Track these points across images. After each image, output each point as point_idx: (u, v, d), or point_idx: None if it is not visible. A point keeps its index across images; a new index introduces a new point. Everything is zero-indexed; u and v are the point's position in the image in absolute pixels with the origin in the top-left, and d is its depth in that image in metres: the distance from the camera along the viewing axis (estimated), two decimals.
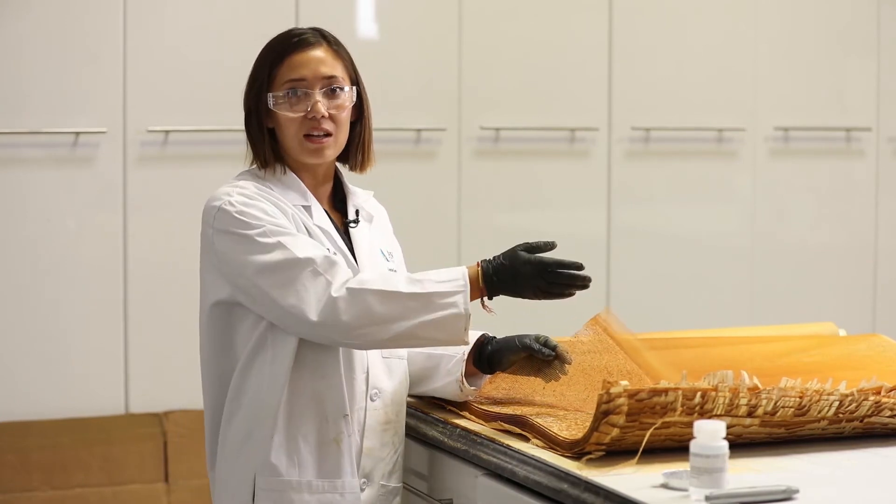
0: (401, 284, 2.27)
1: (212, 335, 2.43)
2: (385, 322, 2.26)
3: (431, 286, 2.27)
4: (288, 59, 2.42)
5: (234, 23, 4.44)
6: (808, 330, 3.17)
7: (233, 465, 2.39)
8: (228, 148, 4.37)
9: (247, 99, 2.48)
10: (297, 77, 2.41)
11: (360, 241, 2.48)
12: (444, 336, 2.30)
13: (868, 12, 5.34)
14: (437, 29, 4.74)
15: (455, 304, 2.27)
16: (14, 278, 4.24)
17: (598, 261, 4.99)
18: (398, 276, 2.33)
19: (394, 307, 2.26)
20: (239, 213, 2.34)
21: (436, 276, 2.30)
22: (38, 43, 4.22)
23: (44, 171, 4.26)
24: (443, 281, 2.28)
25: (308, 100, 2.41)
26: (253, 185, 2.41)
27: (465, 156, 4.78)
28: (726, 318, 4.93)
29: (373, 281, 2.28)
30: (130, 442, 4.29)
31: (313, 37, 2.45)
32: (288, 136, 2.43)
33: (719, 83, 5.15)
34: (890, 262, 5.41)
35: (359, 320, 2.26)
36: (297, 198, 2.43)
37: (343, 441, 2.39)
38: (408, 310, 2.26)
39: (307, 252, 2.29)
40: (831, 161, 5.34)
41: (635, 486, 2.01)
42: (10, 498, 4.14)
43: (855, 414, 2.27)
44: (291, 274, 2.28)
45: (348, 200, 2.52)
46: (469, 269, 2.32)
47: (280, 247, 2.30)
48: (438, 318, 2.26)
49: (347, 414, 2.39)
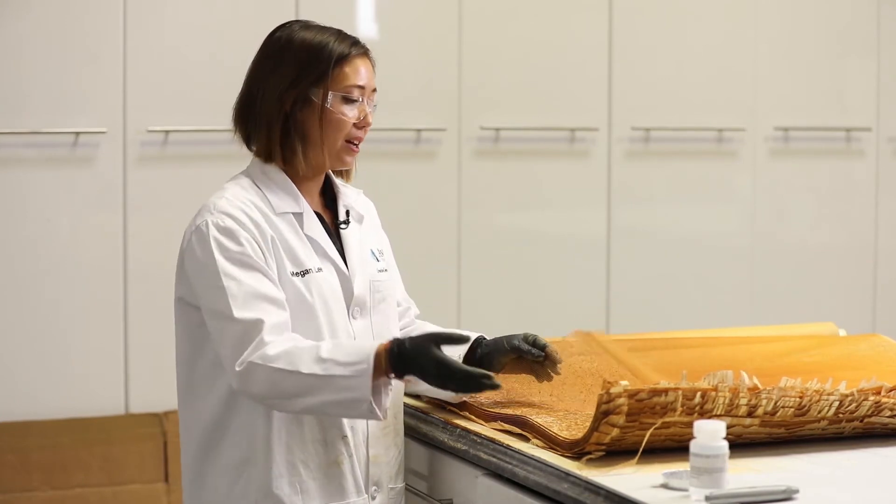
0: (304, 363, 2.24)
1: (181, 328, 2.42)
2: (291, 397, 2.25)
3: (334, 368, 2.24)
4: (353, 60, 2.40)
5: (234, 23, 4.44)
6: (808, 330, 3.17)
7: (228, 494, 2.36)
8: (228, 148, 4.34)
9: (280, 87, 2.39)
10: (360, 83, 2.40)
11: (350, 242, 2.47)
12: (351, 415, 2.30)
13: (868, 12, 5.34)
14: (437, 29, 4.74)
15: (354, 387, 2.23)
16: (14, 278, 4.24)
17: (598, 261, 4.99)
18: (307, 350, 2.27)
19: (297, 385, 2.24)
20: (210, 239, 2.31)
21: (344, 355, 2.25)
22: (38, 43, 4.22)
23: (44, 171, 4.26)
24: (347, 363, 2.24)
25: (361, 106, 2.41)
26: (244, 196, 2.38)
27: (465, 156, 4.78)
28: (726, 318, 4.93)
29: (277, 357, 2.25)
30: (130, 442, 4.29)
31: (363, 46, 2.44)
32: (332, 137, 2.39)
33: (719, 83, 5.15)
34: (890, 262, 5.41)
35: (267, 392, 2.26)
36: (291, 204, 2.40)
37: (344, 462, 2.38)
38: (311, 388, 2.24)
39: (243, 311, 2.27)
40: (831, 161, 5.34)
41: (635, 486, 2.01)
42: (10, 498, 4.14)
43: (855, 414, 2.27)
44: (223, 328, 2.28)
45: (339, 200, 2.51)
46: (378, 350, 2.26)
47: (223, 296, 2.28)
48: (341, 400, 2.24)
49: (346, 435, 2.38)
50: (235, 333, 2.26)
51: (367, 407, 2.24)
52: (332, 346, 2.27)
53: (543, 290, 4.89)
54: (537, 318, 4.81)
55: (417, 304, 2.69)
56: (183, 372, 2.41)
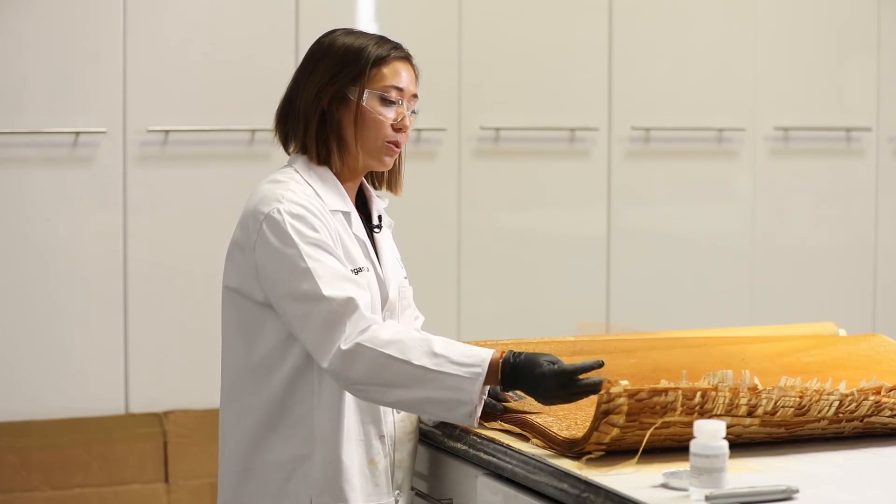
0: (415, 354, 2.23)
1: (230, 321, 2.40)
2: (391, 386, 2.24)
3: (446, 365, 2.23)
4: (392, 62, 2.41)
5: (235, 23, 4.44)
6: (808, 330, 3.17)
7: (279, 491, 2.35)
8: (228, 148, 4.37)
9: (319, 83, 2.40)
10: (398, 84, 2.41)
11: (383, 248, 2.49)
12: (447, 416, 2.27)
13: (868, 11, 5.34)
14: (437, 28, 4.74)
15: (464, 388, 2.22)
16: (14, 278, 4.24)
17: (598, 261, 4.99)
18: (419, 341, 2.25)
19: (402, 375, 2.23)
20: (286, 225, 2.29)
21: (459, 354, 2.23)
22: (38, 43, 4.22)
23: (43, 171, 4.26)
24: (461, 364, 2.23)
25: (399, 108, 2.41)
26: (303, 190, 2.37)
27: (465, 156, 4.78)
28: (726, 318, 4.93)
29: (388, 343, 2.23)
30: (130, 442, 4.29)
31: (407, 52, 2.45)
32: (369, 137, 2.40)
33: (719, 83, 5.15)
34: (890, 262, 5.41)
35: (365, 377, 2.24)
36: (339, 203, 2.40)
37: (380, 462, 2.39)
38: (417, 381, 2.23)
39: (332, 290, 2.25)
40: (831, 161, 5.34)
41: (635, 486, 2.01)
42: (10, 498, 4.14)
43: (855, 414, 2.27)
44: (310, 309, 2.25)
45: (371, 205, 2.52)
46: (494, 356, 2.24)
47: (309, 276, 2.26)
48: (446, 399, 2.23)
49: (384, 435, 2.40)
50: (326, 313, 2.24)
51: (469, 411, 2.23)
52: (444, 342, 2.26)
53: (543, 290, 4.89)
54: (537, 318, 4.81)
55: (417, 304, 2.69)
56: (232, 364, 2.39)
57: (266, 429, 2.35)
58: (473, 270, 4.77)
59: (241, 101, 4.41)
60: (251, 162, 4.37)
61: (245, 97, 4.40)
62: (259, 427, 2.35)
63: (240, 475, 2.38)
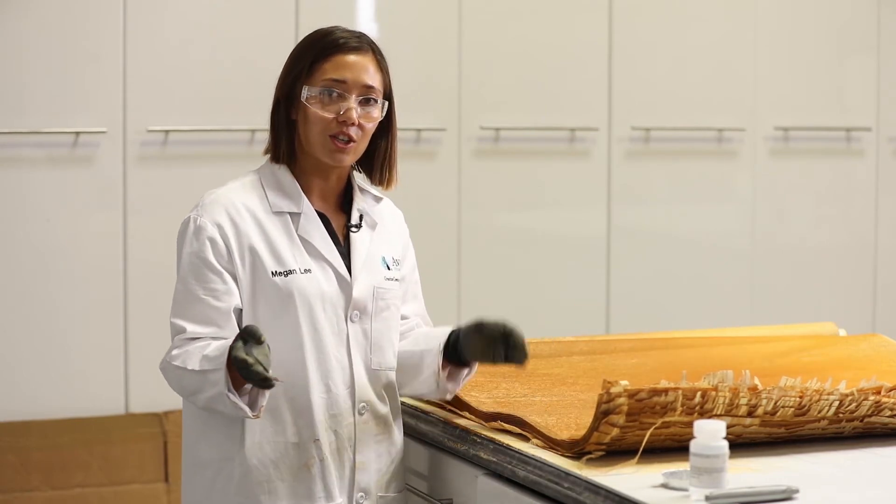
0: (192, 361, 2.29)
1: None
2: (190, 394, 2.32)
3: (206, 363, 2.28)
4: (333, 57, 2.41)
5: (235, 23, 4.44)
6: (808, 330, 3.17)
7: (210, 491, 2.39)
8: (228, 148, 4.37)
9: (280, 87, 2.45)
10: (338, 77, 2.40)
11: (358, 247, 2.46)
12: (228, 412, 2.29)
13: (868, 12, 5.34)
14: (437, 28, 4.74)
15: (216, 382, 2.26)
16: (14, 278, 4.24)
17: (598, 261, 4.99)
18: (199, 349, 2.31)
19: (188, 382, 2.31)
20: (188, 234, 2.38)
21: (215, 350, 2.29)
22: (38, 43, 4.22)
23: (44, 171, 4.26)
24: (215, 357, 2.27)
25: (342, 102, 2.40)
26: (237, 196, 2.41)
27: (465, 156, 4.78)
28: (726, 318, 4.93)
29: (176, 356, 2.33)
30: (130, 442, 4.29)
31: (361, 42, 2.44)
32: (313, 133, 2.41)
33: (719, 83, 5.15)
34: (890, 262, 5.41)
35: (177, 389, 2.36)
36: (289, 204, 2.41)
37: (314, 466, 2.38)
38: (200, 384, 2.28)
39: (175, 316, 2.38)
40: (831, 161, 5.34)
41: (635, 486, 2.01)
42: (10, 498, 4.14)
43: (855, 414, 2.27)
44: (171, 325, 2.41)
45: (353, 205, 2.51)
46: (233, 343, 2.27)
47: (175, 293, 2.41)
48: (214, 395, 2.27)
49: (318, 438, 2.38)
50: (171, 333, 2.38)
51: (232, 401, 2.24)
52: (218, 344, 2.30)
53: (543, 290, 4.89)
54: (537, 318, 4.81)
55: None
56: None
57: (200, 429, 2.41)
58: (473, 270, 4.77)
59: (241, 101, 4.41)
60: (251, 162, 4.33)
61: (245, 97, 4.39)
62: (195, 426, 2.42)
63: (185, 471, 2.46)
